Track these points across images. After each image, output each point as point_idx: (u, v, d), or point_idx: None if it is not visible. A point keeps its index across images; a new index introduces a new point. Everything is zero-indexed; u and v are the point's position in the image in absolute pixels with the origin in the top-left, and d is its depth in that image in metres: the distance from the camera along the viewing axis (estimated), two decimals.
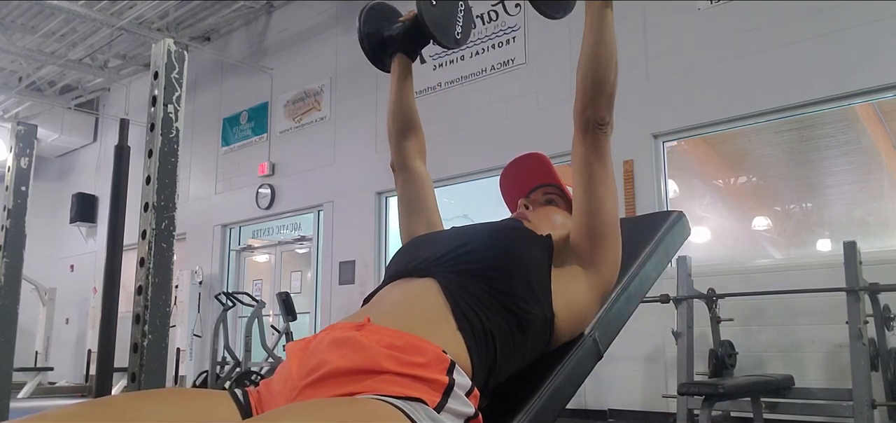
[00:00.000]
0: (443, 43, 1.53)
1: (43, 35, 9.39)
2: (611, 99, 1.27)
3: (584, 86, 1.26)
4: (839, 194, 5.91)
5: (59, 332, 11.24)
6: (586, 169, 1.29)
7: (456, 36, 1.55)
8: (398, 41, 1.57)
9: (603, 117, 1.26)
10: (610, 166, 1.31)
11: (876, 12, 4.68)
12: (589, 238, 1.31)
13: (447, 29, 1.53)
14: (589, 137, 1.28)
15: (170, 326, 1.53)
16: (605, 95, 1.25)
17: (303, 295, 8.55)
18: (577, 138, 1.30)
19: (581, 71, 1.27)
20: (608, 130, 1.28)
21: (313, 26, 8.69)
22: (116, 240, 2.14)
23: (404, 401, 0.98)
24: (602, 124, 1.27)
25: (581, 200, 1.31)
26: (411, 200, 1.58)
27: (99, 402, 1.01)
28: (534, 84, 6.41)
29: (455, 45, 1.56)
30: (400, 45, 1.58)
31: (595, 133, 1.27)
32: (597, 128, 1.27)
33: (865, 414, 3.61)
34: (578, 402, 5.47)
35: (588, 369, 1.37)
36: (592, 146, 1.28)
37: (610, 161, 1.31)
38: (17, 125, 2.23)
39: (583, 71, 1.27)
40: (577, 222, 1.33)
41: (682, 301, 4.36)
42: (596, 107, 1.26)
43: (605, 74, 1.25)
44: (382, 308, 1.20)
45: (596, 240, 1.31)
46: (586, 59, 1.26)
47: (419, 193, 1.58)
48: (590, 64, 1.25)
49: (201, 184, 9.86)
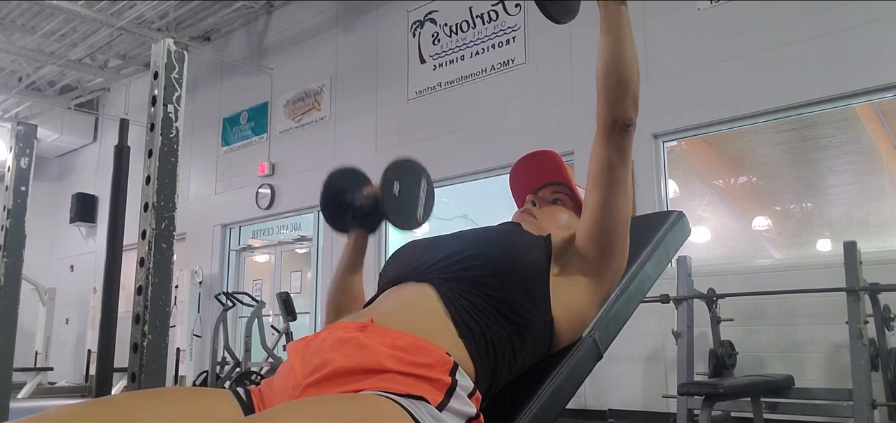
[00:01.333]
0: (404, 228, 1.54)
1: (43, 35, 9.39)
2: (636, 98, 1.25)
3: (608, 87, 1.23)
4: (839, 194, 5.91)
5: (58, 332, 11.24)
6: (608, 172, 1.26)
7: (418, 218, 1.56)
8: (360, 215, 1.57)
9: (630, 117, 1.24)
10: (630, 170, 1.29)
11: (876, 12, 4.68)
12: (597, 247, 1.29)
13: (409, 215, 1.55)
14: (614, 138, 1.25)
15: (170, 326, 1.53)
16: (630, 94, 1.23)
17: (303, 295, 8.56)
18: (600, 141, 1.27)
19: (603, 73, 1.24)
20: (633, 131, 1.26)
21: (313, 26, 8.69)
22: (116, 240, 2.14)
23: (407, 398, 0.98)
24: (628, 125, 1.24)
25: (596, 206, 1.28)
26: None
27: (101, 402, 1.01)
28: (534, 84, 6.41)
29: (417, 227, 1.57)
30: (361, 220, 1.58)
31: (621, 134, 1.25)
32: (623, 129, 1.24)
33: (865, 414, 3.61)
34: (578, 402, 5.46)
35: (588, 369, 1.37)
36: (618, 147, 1.25)
37: (631, 164, 1.29)
38: (16, 125, 2.23)
39: (605, 73, 1.23)
40: (587, 230, 1.29)
41: (683, 301, 4.36)
42: (622, 107, 1.23)
43: (629, 72, 1.22)
44: (384, 311, 1.20)
45: (604, 248, 1.29)
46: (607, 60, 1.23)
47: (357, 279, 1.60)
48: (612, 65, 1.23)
49: (201, 184, 9.86)
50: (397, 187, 1.52)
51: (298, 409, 0.91)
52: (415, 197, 1.56)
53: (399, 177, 1.54)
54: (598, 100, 1.26)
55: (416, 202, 1.57)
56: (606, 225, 1.27)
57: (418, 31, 7.48)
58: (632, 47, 1.23)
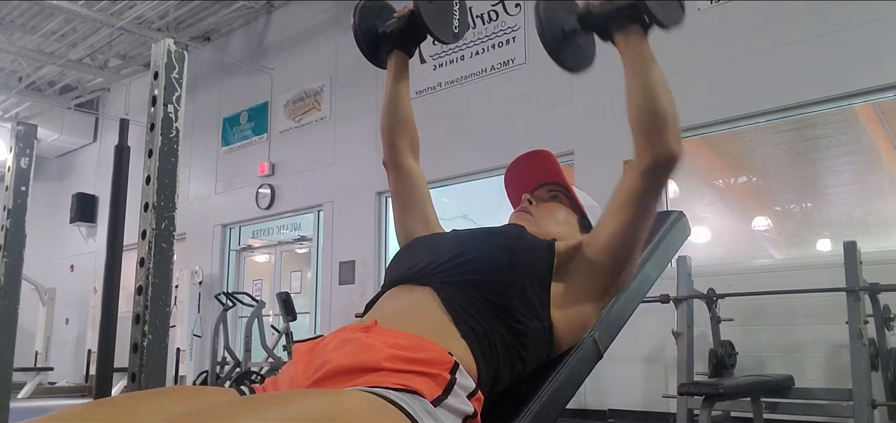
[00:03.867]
0: (441, 38, 1.49)
1: (43, 35, 9.39)
2: (678, 130, 1.17)
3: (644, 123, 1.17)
4: (839, 194, 5.91)
5: (59, 332, 11.23)
6: (641, 203, 1.21)
7: (454, 30, 1.52)
8: (394, 38, 1.54)
9: (673, 151, 1.16)
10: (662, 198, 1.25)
11: (876, 12, 4.68)
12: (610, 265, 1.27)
13: (444, 23, 1.50)
14: (654, 175, 1.18)
15: (170, 326, 1.53)
16: (670, 126, 1.16)
17: (303, 295, 8.55)
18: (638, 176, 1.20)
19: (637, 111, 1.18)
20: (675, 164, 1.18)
21: (313, 26, 8.69)
22: (116, 240, 2.14)
23: (398, 392, 0.98)
24: (673, 159, 1.17)
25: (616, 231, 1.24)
26: (406, 200, 1.56)
27: (103, 402, 1.01)
28: (534, 84, 6.41)
29: (453, 40, 1.53)
30: (396, 41, 1.54)
31: (662, 171, 1.18)
32: (667, 166, 1.17)
33: (865, 414, 3.61)
34: (578, 402, 5.46)
35: (588, 369, 1.37)
36: (656, 183, 1.20)
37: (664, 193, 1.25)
38: (17, 125, 2.23)
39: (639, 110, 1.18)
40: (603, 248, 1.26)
41: (683, 301, 4.36)
42: (664, 142, 1.16)
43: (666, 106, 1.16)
44: (387, 313, 1.20)
45: (616, 268, 1.27)
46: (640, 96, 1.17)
47: (413, 191, 1.55)
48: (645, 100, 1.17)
49: (201, 184, 9.86)
50: None
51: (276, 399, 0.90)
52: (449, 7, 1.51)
53: None
54: (635, 140, 1.20)
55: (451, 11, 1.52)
56: (624, 247, 1.25)
57: None
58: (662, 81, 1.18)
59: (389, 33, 1.54)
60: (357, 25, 1.55)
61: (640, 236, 1.25)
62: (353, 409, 0.91)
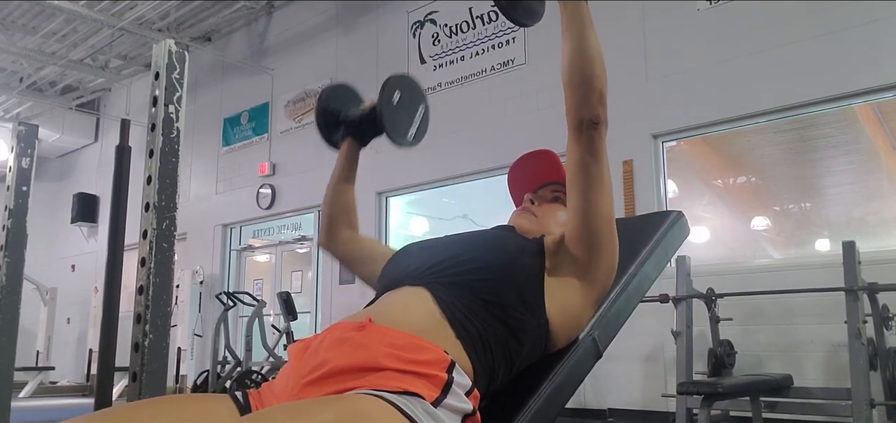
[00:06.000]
0: (394, 140, 1.56)
1: (44, 35, 9.39)
2: (603, 95, 1.23)
3: (573, 85, 1.23)
4: (838, 194, 5.91)
5: (60, 332, 11.23)
6: (583, 170, 1.26)
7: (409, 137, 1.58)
8: (352, 126, 1.61)
9: (597, 115, 1.22)
10: (606, 167, 1.28)
11: (876, 12, 4.69)
12: (585, 246, 1.28)
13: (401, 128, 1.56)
14: (584, 137, 1.24)
15: (171, 325, 1.54)
16: (595, 91, 1.22)
17: (303, 295, 8.56)
18: (571, 141, 1.26)
19: (567, 72, 1.23)
20: (603, 128, 1.24)
21: (314, 27, 8.69)
22: (117, 240, 2.15)
23: (399, 395, 0.99)
24: (596, 122, 1.23)
25: (576, 206, 1.28)
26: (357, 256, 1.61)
27: (100, 415, 1.03)
28: (534, 84, 6.42)
29: (405, 145, 1.59)
30: (352, 130, 1.62)
31: (590, 132, 1.23)
32: (591, 127, 1.23)
33: (864, 414, 3.61)
34: (578, 401, 5.47)
35: (587, 368, 1.38)
36: (588, 146, 1.24)
37: (606, 162, 1.28)
38: (18, 125, 2.23)
39: (569, 71, 1.23)
40: (573, 230, 1.29)
41: (682, 301, 4.37)
42: (588, 105, 1.22)
43: (592, 69, 1.21)
44: (382, 311, 1.21)
45: (591, 248, 1.28)
46: (571, 58, 1.23)
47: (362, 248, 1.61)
48: (575, 62, 1.22)
49: (202, 184, 9.86)
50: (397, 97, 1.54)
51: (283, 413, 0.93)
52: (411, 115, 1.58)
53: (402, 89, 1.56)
54: (565, 100, 1.26)
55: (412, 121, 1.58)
56: (589, 224, 1.27)
57: (418, 32, 7.49)
58: (595, 45, 1.22)
59: (348, 121, 1.61)
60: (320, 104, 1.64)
61: (597, 206, 1.26)
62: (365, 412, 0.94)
